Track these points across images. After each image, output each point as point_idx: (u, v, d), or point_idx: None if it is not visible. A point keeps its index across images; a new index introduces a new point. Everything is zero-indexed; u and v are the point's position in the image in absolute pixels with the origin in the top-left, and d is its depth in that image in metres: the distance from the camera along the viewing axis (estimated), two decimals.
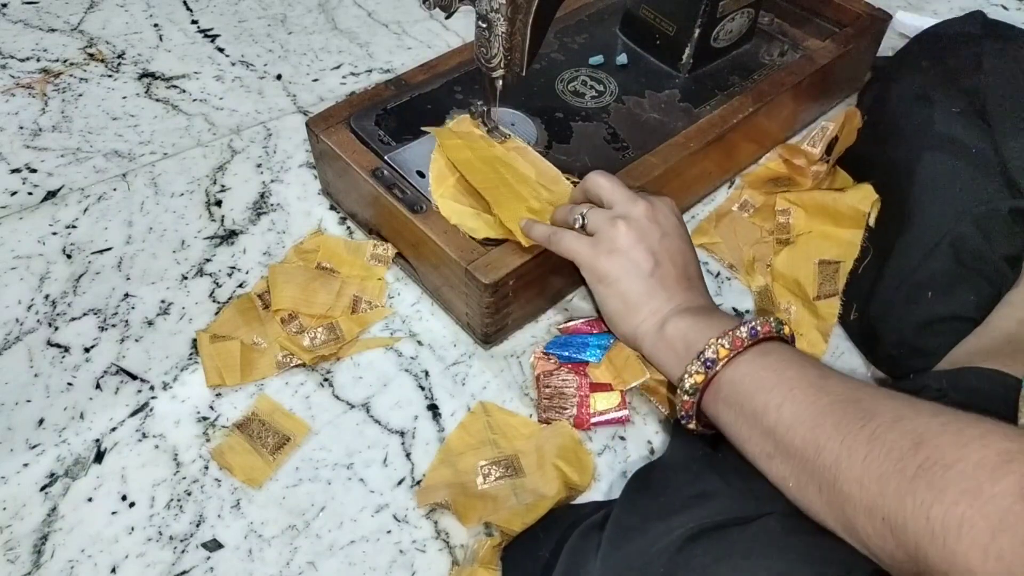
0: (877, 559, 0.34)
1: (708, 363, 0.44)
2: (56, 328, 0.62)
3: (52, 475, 0.54)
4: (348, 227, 0.70)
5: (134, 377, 0.59)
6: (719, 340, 0.44)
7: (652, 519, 0.42)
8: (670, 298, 0.49)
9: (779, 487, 0.40)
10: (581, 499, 0.54)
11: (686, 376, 0.45)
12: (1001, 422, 0.33)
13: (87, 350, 0.61)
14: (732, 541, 0.38)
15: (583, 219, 0.53)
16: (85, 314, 0.63)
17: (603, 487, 0.54)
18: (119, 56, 0.87)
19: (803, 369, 0.41)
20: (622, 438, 0.57)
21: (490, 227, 0.57)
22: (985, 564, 0.27)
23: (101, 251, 0.68)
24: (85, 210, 0.71)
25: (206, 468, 0.54)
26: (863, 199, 0.65)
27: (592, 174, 0.55)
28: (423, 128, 0.62)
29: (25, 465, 0.54)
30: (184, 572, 0.50)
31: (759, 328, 0.45)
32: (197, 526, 0.52)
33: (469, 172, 0.58)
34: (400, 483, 0.54)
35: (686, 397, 0.46)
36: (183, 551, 0.51)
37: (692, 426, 0.47)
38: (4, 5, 0.93)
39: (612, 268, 0.50)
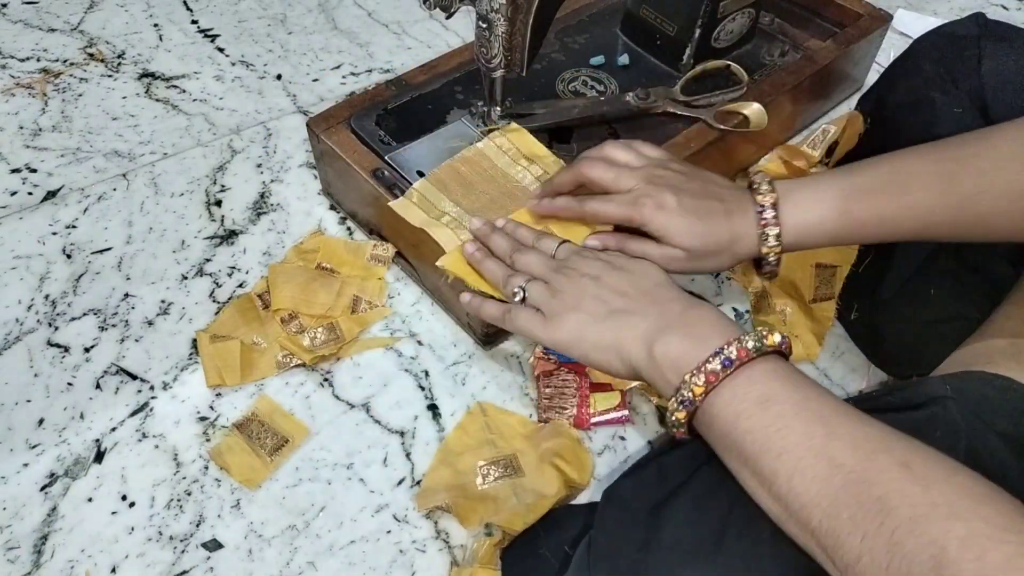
0: None
1: (686, 402, 0.42)
2: (56, 328, 0.62)
3: (52, 475, 0.54)
4: (348, 227, 0.70)
5: (134, 377, 0.59)
6: (692, 377, 0.41)
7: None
8: (641, 322, 0.46)
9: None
10: (581, 498, 0.54)
11: (668, 414, 0.44)
12: (1019, 523, 0.32)
13: (87, 350, 0.61)
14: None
15: (523, 293, 0.51)
16: (85, 314, 0.63)
17: (603, 486, 0.54)
18: (119, 56, 0.87)
19: (800, 421, 0.38)
20: (622, 438, 0.57)
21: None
22: None
23: (101, 251, 0.68)
24: (85, 210, 0.71)
25: (206, 468, 0.54)
26: None
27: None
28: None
29: (25, 465, 0.54)
30: (184, 572, 0.50)
31: (733, 356, 0.41)
32: (197, 526, 0.52)
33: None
34: (400, 483, 0.54)
35: (675, 430, 0.44)
36: (183, 551, 0.51)
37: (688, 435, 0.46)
38: (4, 5, 0.93)
39: (569, 336, 0.48)
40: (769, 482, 0.39)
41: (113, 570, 0.50)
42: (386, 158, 0.63)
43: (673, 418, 0.43)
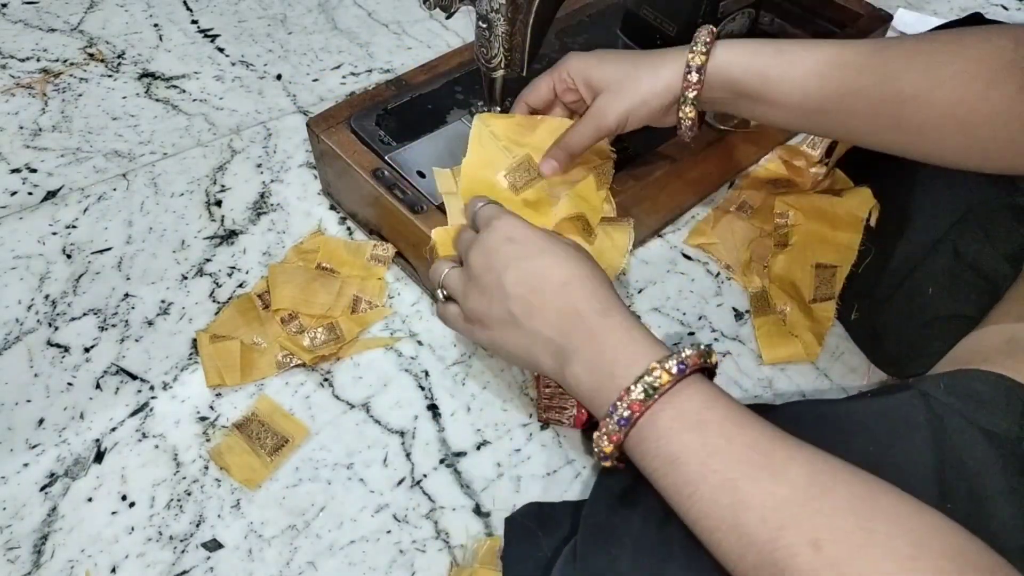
0: None
1: (602, 456, 0.40)
2: (56, 328, 0.62)
3: (52, 475, 0.54)
4: (348, 227, 0.70)
5: (134, 377, 0.59)
6: (601, 438, 0.39)
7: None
8: (545, 336, 0.43)
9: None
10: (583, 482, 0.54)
11: (595, 446, 0.41)
12: None
13: (87, 350, 0.61)
14: None
15: (443, 295, 0.50)
16: (85, 314, 0.63)
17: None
18: (119, 56, 0.87)
19: (708, 486, 0.35)
20: None
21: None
22: None
23: (101, 251, 0.68)
24: (85, 210, 0.71)
25: (206, 468, 0.54)
26: (861, 204, 0.65)
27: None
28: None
29: (25, 465, 0.54)
30: (184, 572, 0.50)
31: (626, 415, 0.37)
32: (197, 526, 0.52)
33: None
34: (400, 483, 0.54)
35: (603, 462, 0.41)
36: (183, 551, 0.51)
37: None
38: (4, 5, 0.93)
39: (487, 343, 0.47)
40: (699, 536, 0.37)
41: (113, 570, 0.50)
42: (386, 158, 0.63)
43: (598, 451, 0.41)
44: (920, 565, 0.30)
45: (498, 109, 0.62)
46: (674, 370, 0.37)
